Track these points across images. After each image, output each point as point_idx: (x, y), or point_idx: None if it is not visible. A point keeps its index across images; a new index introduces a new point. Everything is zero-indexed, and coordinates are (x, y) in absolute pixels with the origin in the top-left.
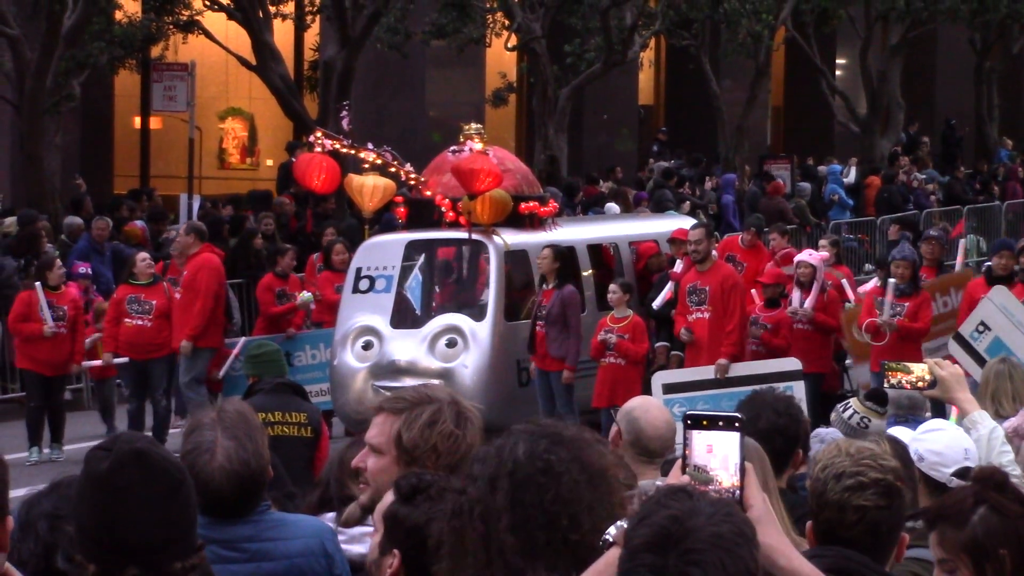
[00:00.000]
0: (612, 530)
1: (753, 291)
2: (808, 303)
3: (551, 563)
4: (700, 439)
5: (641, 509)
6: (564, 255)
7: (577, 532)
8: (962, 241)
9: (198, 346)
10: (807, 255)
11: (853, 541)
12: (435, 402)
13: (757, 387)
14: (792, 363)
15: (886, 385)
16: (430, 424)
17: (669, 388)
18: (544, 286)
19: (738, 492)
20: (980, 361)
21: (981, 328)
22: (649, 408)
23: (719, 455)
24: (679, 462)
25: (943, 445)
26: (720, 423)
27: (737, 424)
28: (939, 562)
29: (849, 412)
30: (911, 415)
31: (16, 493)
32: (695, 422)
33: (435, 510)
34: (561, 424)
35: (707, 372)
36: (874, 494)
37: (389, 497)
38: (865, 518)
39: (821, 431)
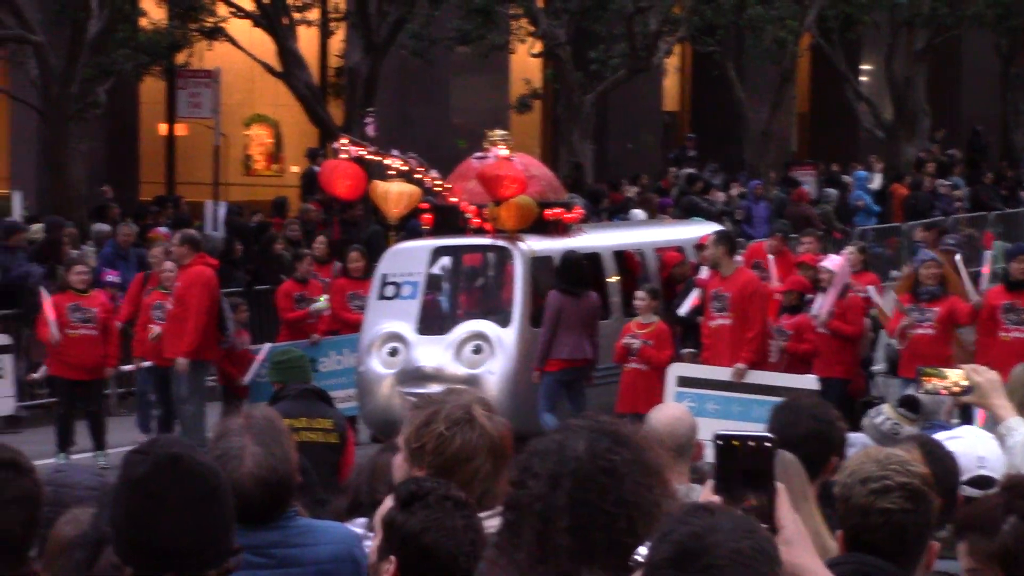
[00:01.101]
0: (642, 549)
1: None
2: (824, 307)
3: (607, 563)
4: None
5: (663, 525)
6: (566, 261)
7: (632, 536)
8: (988, 252)
9: (195, 360)
10: (828, 261)
11: (878, 546)
12: (440, 403)
13: (772, 397)
14: (810, 381)
15: (921, 391)
16: (425, 424)
17: (684, 381)
18: None
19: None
20: None
21: None
22: (662, 407)
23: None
24: (709, 482)
25: (956, 454)
26: (751, 443)
27: (768, 443)
28: (968, 571)
29: (881, 418)
30: (925, 422)
31: None
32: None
33: (432, 519)
34: (619, 421)
35: (724, 373)
36: (899, 497)
37: (389, 502)
38: (890, 521)
39: (850, 436)
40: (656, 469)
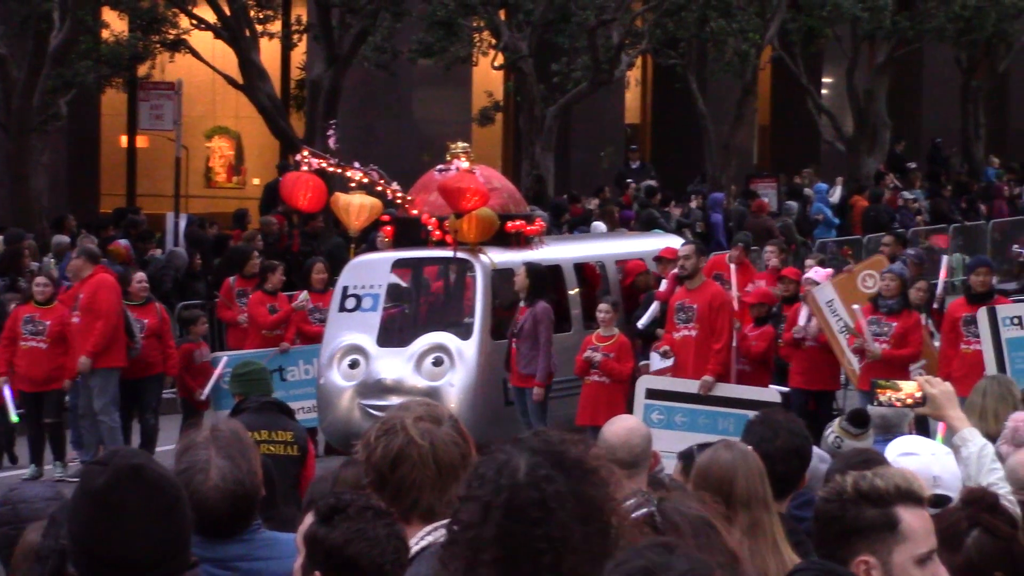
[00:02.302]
0: None
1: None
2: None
3: None
4: None
5: (620, 555)
6: (538, 272)
7: (556, 572)
8: (945, 258)
9: (104, 366)
10: (814, 273)
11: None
12: (387, 415)
13: (738, 410)
14: (772, 395)
15: (875, 403)
16: (367, 435)
17: (652, 394)
18: (521, 303)
19: None
20: (997, 345)
21: (1016, 320)
22: (615, 420)
23: None
24: None
25: (911, 472)
26: None
27: None
28: None
29: (828, 430)
30: (887, 434)
31: None
32: None
33: (354, 530)
34: (568, 440)
35: (691, 386)
36: (826, 488)
37: (310, 518)
38: (815, 510)
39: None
40: (593, 501)
